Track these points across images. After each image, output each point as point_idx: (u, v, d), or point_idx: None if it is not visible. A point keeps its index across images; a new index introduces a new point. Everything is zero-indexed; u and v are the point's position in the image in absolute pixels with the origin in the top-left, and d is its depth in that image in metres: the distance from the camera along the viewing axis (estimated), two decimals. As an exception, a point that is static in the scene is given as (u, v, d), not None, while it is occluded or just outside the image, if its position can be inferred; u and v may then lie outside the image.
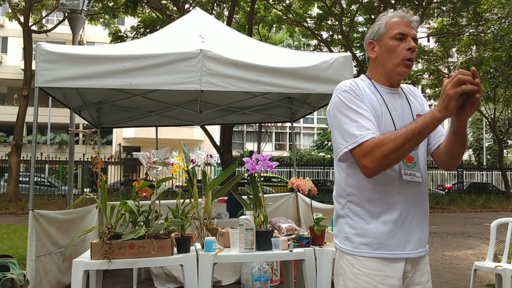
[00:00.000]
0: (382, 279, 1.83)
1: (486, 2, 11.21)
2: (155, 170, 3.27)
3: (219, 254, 3.23)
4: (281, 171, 28.87)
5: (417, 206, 1.92)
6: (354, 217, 1.89)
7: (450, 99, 1.61)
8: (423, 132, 1.66)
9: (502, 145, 27.53)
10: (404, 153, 1.71)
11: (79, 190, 23.65)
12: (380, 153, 1.70)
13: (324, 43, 21.96)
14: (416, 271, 1.92)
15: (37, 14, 22.32)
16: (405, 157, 1.75)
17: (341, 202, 1.96)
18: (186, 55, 4.32)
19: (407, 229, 1.88)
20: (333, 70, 4.68)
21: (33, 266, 4.14)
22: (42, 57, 4.23)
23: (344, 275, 1.90)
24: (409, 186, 1.89)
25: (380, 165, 1.72)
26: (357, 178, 1.89)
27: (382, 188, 1.86)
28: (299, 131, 47.27)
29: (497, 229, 5.09)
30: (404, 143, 1.67)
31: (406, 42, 1.93)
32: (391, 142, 1.69)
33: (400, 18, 1.97)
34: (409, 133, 1.67)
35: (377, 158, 1.71)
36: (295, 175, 5.88)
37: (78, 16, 8.77)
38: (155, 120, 7.21)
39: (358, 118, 1.82)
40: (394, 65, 1.94)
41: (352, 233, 1.89)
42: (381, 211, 1.86)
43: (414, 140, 1.67)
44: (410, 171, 1.90)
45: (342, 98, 1.90)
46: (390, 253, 1.85)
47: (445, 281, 6.28)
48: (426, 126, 1.66)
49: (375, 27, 2.02)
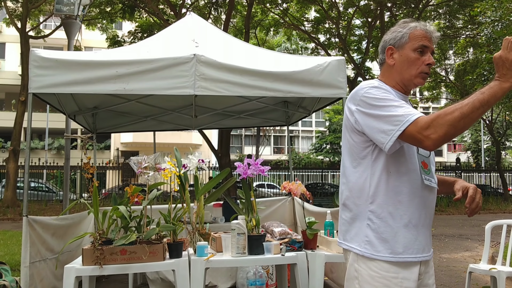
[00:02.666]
0: (399, 282, 1.84)
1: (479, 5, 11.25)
2: (146, 176, 3.28)
3: (211, 259, 3.23)
4: (280, 174, 28.89)
5: (431, 209, 1.98)
6: (377, 220, 1.88)
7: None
8: (491, 100, 1.67)
9: (500, 147, 27.55)
10: (470, 122, 1.68)
11: (77, 196, 23.62)
12: (445, 122, 1.69)
13: (322, 47, 22.02)
14: (426, 273, 1.97)
15: (34, 19, 22.37)
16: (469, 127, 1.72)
17: (362, 204, 1.93)
18: (180, 60, 4.33)
19: (425, 232, 1.93)
20: (327, 73, 4.69)
21: (27, 272, 4.13)
22: (36, 63, 4.23)
23: (360, 278, 1.90)
24: (427, 191, 1.93)
25: (445, 134, 1.69)
26: (382, 179, 1.89)
27: (405, 191, 1.88)
28: (297, 134, 47.30)
29: (493, 231, 5.10)
30: (471, 111, 1.66)
31: (426, 56, 1.97)
32: (456, 111, 1.68)
33: (424, 31, 1.99)
34: (477, 102, 1.67)
35: (442, 127, 1.69)
36: (292, 179, 5.90)
37: (73, 21, 8.78)
38: (151, 125, 7.22)
39: (399, 104, 1.84)
40: (411, 76, 1.98)
41: (375, 237, 1.88)
42: (403, 214, 1.88)
43: (482, 109, 1.67)
44: (428, 176, 1.94)
45: (373, 92, 1.89)
46: (413, 256, 1.87)
47: (441, 283, 6.28)
48: (495, 95, 1.67)
49: (397, 34, 2.02)
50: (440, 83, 25.79)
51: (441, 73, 25.56)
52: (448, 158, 48.77)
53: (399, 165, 1.89)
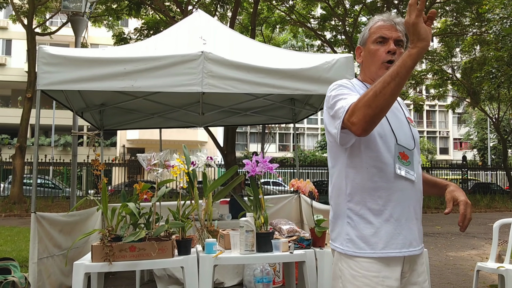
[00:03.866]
0: (381, 280, 1.82)
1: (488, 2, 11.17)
2: (155, 173, 3.28)
3: (219, 256, 3.24)
4: (285, 172, 28.86)
5: (416, 204, 1.93)
6: (356, 217, 1.88)
7: (416, 25, 1.59)
8: (401, 70, 1.61)
9: (507, 145, 27.42)
10: (386, 99, 1.63)
11: (83, 192, 23.71)
12: (362, 104, 1.66)
13: (328, 44, 21.97)
14: (413, 271, 1.92)
15: (41, 16, 22.40)
16: (390, 104, 1.65)
17: (341, 203, 1.94)
18: (187, 57, 4.32)
19: (411, 226, 1.89)
20: (335, 71, 4.68)
21: (35, 268, 4.15)
22: (44, 60, 4.24)
23: (342, 278, 1.89)
24: (406, 183, 1.89)
25: (364, 117, 1.66)
26: (358, 176, 1.89)
27: (381, 186, 1.86)
28: (303, 132, 47.27)
29: (500, 230, 5.07)
30: (383, 86, 1.62)
31: (386, 45, 1.96)
32: (371, 91, 1.65)
33: (383, 21, 1.99)
34: (387, 76, 1.63)
35: (360, 110, 1.66)
36: (298, 177, 5.89)
37: (80, 18, 8.79)
38: (158, 122, 7.23)
39: (346, 96, 1.83)
40: (376, 68, 1.98)
41: (356, 235, 1.87)
42: (383, 209, 1.85)
43: (394, 82, 1.61)
44: (405, 167, 1.90)
45: (332, 93, 1.92)
46: (397, 251, 1.84)
47: (448, 281, 6.27)
48: (404, 64, 1.61)
49: (362, 32, 2.07)
50: (446, 80, 25.66)
51: (448, 71, 25.46)
52: (454, 156, 48.61)
53: (374, 161, 1.87)
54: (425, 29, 1.60)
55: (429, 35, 1.61)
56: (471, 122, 44.74)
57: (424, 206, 20.67)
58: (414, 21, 1.59)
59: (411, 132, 2.00)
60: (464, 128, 48.19)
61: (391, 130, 1.91)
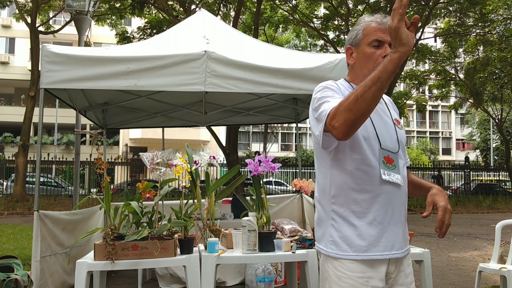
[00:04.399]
0: (365, 281, 1.82)
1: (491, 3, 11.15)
2: (158, 172, 3.29)
3: (221, 255, 3.24)
4: (287, 171, 28.86)
5: (400, 206, 1.93)
6: (340, 219, 1.88)
7: (398, 30, 1.59)
8: (383, 75, 1.61)
9: (509, 146, 27.37)
10: (367, 103, 1.62)
11: (85, 191, 23.75)
12: (344, 108, 1.66)
13: (331, 44, 21.94)
14: (400, 272, 1.92)
15: (44, 15, 22.41)
16: (370, 109, 1.65)
17: (325, 204, 1.94)
18: (191, 57, 4.33)
19: (394, 229, 1.88)
20: (338, 70, 4.67)
21: (38, 266, 4.17)
22: (47, 59, 4.26)
23: (329, 279, 1.89)
24: (391, 187, 1.88)
25: (345, 121, 1.65)
26: (342, 178, 1.88)
27: (366, 189, 1.86)
28: (305, 131, 47.23)
29: (502, 231, 5.07)
30: (364, 90, 1.61)
31: (382, 49, 1.94)
32: (352, 95, 1.65)
33: (377, 24, 1.96)
34: (369, 80, 1.63)
35: (341, 114, 1.66)
36: (300, 176, 5.89)
37: (84, 17, 8.82)
38: (161, 121, 7.25)
39: (329, 99, 1.82)
40: (369, 72, 1.88)
41: (339, 237, 1.86)
42: (367, 212, 1.85)
43: (375, 87, 1.61)
44: (390, 171, 1.89)
45: (317, 96, 1.91)
46: (379, 254, 1.84)
47: (450, 282, 6.26)
48: (386, 69, 1.61)
49: (353, 32, 2.01)
50: (449, 81, 25.63)
51: (451, 71, 25.41)
52: (457, 156, 48.57)
53: (359, 163, 1.86)
54: (407, 34, 1.60)
55: (410, 40, 1.61)
56: (474, 123, 44.67)
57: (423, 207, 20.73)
58: (396, 25, 1.59)
59: (396, 134, 1.99)
60: (467, 129, 48.10)
61: (376, 134, 1.90)
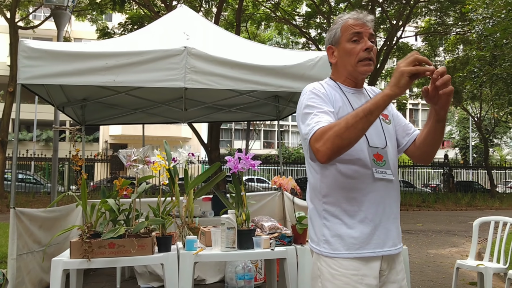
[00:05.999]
0: (359, 279, 1.83)
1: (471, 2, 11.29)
2: (135, 169, 3.25)
3: (200, 253, 3.22)
4: (269, 169, 28.89)
5: (392, 203, 1.93)
6: (332, 218, 1.89)
7: (402, 75, 1.62)
8: (374, 109, 1.65)
9: (488, 144, 27.78)
10: (356, 132, 1.67)
11: (65, 188, 23.47)
12: (332, 133, 1.68)
13: (312, 41, 22.01)
14: (392, 269, 1.93)
15: (24, 10, 22.08)
16: (358, 138, 1.70)
17: (317, 204, 1.95)
18: (170, 52, 4.29)
19: (386, 226, 1.89)
20: (318, 68, 4.68)
21: (14, 264, 4.10)
22: (25, 54, 4.17)
23: (322, 277, 1.90)
24: (382, 184, 1.90)
25: (332, 146, 1.68)
26: (333, 178, 1.89)
27: (356, 187, 1.86)
28: (287, 129, 47.35)
29: (480, 228, 5.14)
30: (355, 121, 1.65)
31: (362, 43, 1.95)
32: (343, 122, 1.68)
33: (354, 20, 1.98)
34: (360, 111, 1.66)
35: (329, 139, 1.68)
36: (281, 174, 5.89)
37: (63, 12, 8.68)
38: (141, 118, 7.17)
39: (317, 112, 1.83)
40: (353, 67, 1.96)
41: (331, 235, 1.88)
42: (358, 210, 1.86)
43: (365, 118, 1.65)
44: (381, 169, 1.90)
45: (305, 99, 1.92)
46: (371, 251, 1.85)
47: (428, 279, 6.33)
48: (377, 103, 1.65)
49: (332, 32, 2.03)
50: (429, 79, 25.81)
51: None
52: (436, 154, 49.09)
53: (347, 162, 1.87)
54: (407, 82, 1.62)
55: (406, 88, 1.64)
56: (453, 121, 45.23)
57: (406, 204, 20.79)
58: (404, 70, 1.62)
59: (383, 129, 2.00)
60: (446, 127, 48.62)
61: None
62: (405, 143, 2.07)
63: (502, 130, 38.16)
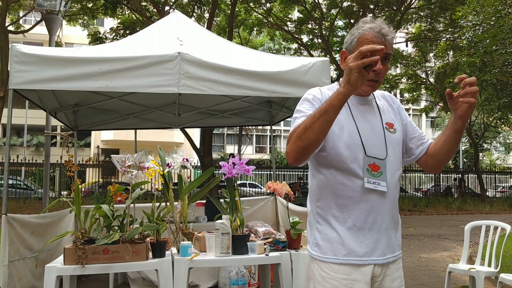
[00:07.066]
0: (350, 283, 1.84)
1: (461, 9, 11.40)
2: (130, 174, 3.24)
3: (194, 259, 3.22)
4: (262, 174, 28.85)
5: (384, 213, 1.90)
6: (323, 222, 1.91)
7: (351, 72, 1.60)
8: (329, 109, 1.65)
9: (478, 149, 27.97)
10: (314, 133, 1.67)
11: (56, 193, 23.30)
12: (295, 135, 1.72)
13: (304, 47, 22.09)
14: (386, 276, 1.92)
15: (14, 14, 21.95)
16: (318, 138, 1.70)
17: (312, 207, 1.98)
18: (164, 58, 4.30)
19: (375, 236, 1.88)
20: (311, 74, 4.71)
21: (5, 271, 4.06)
22: (17, 59, 4.16)
23: (314, 279, 1.92)
24: (375, 194, 1.88)
25: (296, 147, 1.72)
26: (325, 183, 1.90)
27: (347, 194, 1.87)
28: (279, 134, 47.36)
29: (471, 232, 5.17)
30: (312, 121, 1.67)
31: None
32: (303, 123, 1.71)
33: (373, 35, 1.87)
34: (317, 112, 1.68)
35: (293, 141, 1.73)
36: (274, 179, 5.89)
37: (55, 17, 8.65)
38: (134, 123, 7.16)
39: (300, 116, 1.86)
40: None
41: (321, 239, 1.90)
42: (347, 217, 1.87)
43: (322, 119, 1.66)
44: (374, 179, 1.87)
45: (298, 104, 1.96)
46: (358, 259, 1.86)
47: (421, 283, 6.35)
48: (331, 102, 1.65)
49: (350, 36, 1.95)
50: (420, 85, 26.07)
51: (422, 75, 25.84)
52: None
53: (340, 170, 1.87)
54: (357, 78, 1.60)
55: (357, 85, 1.62)
56: (444, 126, 45.50)
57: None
58: (351, 66, 1.60)
59: (385, 139, 1.95)
60: (437, 132, 48.97)
61: (361, 140, 1.89)
62: (418, 153, 2.05)
63: (491, 135, 38.39)
